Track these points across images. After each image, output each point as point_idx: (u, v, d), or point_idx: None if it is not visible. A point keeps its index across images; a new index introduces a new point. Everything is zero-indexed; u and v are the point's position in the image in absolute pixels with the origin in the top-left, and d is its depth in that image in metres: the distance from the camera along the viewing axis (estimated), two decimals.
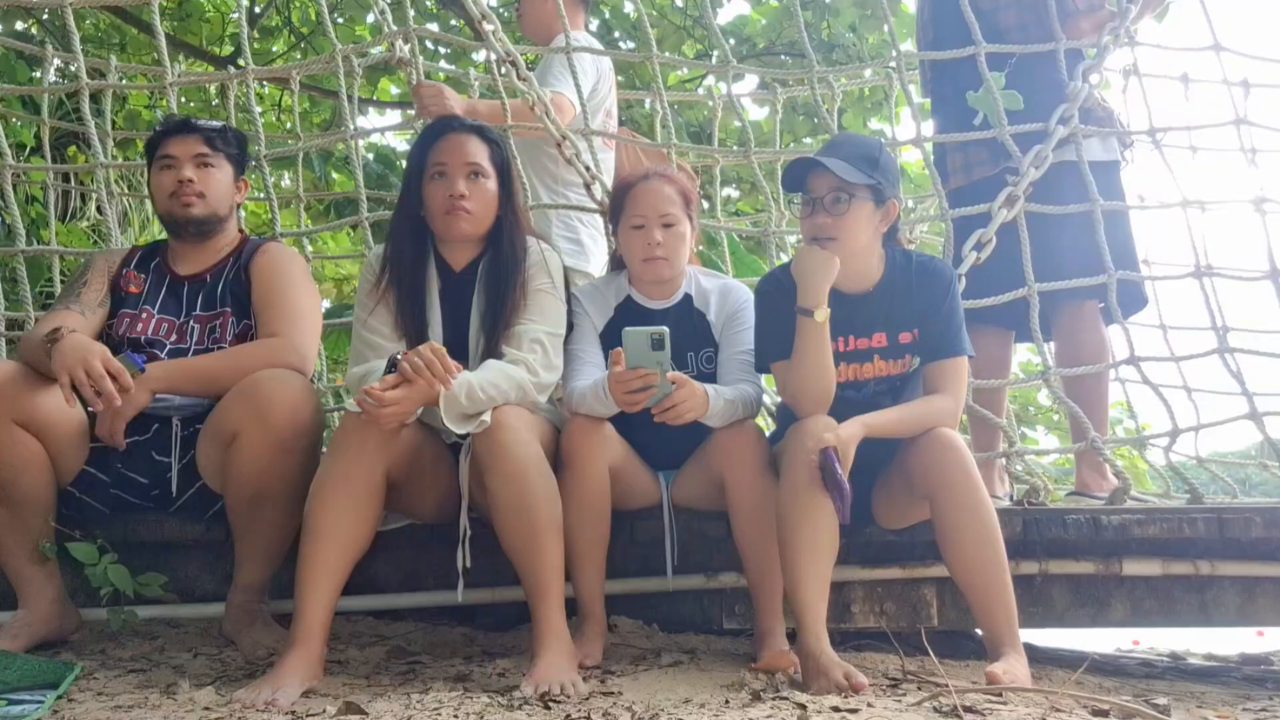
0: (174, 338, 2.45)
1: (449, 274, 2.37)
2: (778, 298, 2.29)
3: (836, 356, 2.23)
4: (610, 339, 2.40)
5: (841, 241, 2.19)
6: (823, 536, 2.04)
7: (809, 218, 2.22)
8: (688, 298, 2.47)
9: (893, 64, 3.33)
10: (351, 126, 3.10)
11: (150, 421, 2.35)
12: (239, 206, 2.70)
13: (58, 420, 2.24)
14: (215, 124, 2.63)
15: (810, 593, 2.04)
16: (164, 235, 2.67)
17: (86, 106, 3.20)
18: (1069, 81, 3.02)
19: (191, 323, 2.48)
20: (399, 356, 2.05)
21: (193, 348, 2.45)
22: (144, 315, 2.47)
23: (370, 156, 6.33)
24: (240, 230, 2.70)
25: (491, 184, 2.35)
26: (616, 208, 2.48)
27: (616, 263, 2.55)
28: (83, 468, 2.34)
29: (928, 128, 3.26)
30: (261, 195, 3.38)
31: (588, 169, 3.15)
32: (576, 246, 3.50)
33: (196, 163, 2.53)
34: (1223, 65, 3.26)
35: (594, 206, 3.24)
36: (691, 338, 2.43)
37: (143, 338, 2.42)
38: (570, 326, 2.41)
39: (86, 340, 2.19)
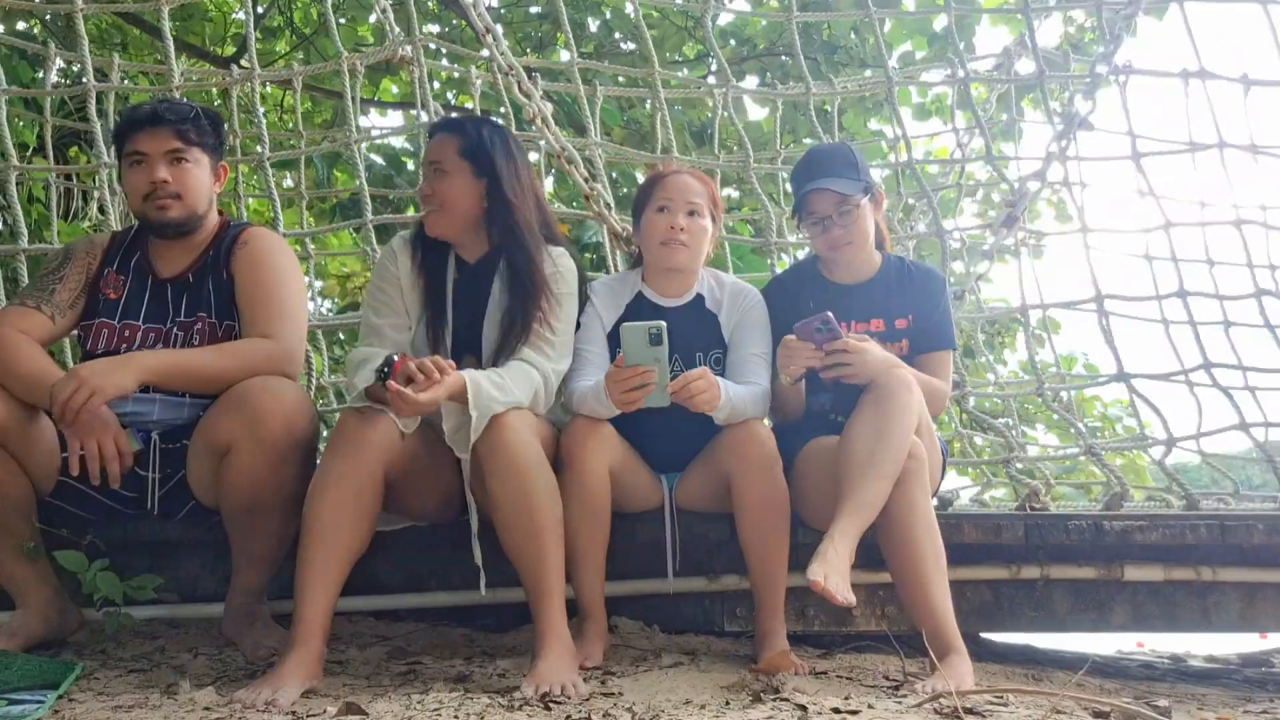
0: (158, 347, 2.33)
1: (464, 266, 2.38)
2: (773, 306, 2.48)
3: None
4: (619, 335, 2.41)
5: (855, 243, 2.47)
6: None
7: (823, 235, 2.45)
8: (700, 297, 2.48)
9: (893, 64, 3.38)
10: (354, 131, 3.11)
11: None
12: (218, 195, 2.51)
13: (21, 426, 2.16)
14: (186, 110, 2.40)
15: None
16: None
17: (92, 108, 3.20)
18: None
19: (175, 329, 2.37)
20: (396, 358, 2.01)
21: None
22: (126, 331, 2.36)
23: (381, 160, 6.30)
24: (219, 212, 2.52)
25: (459, 177, 2.31)
26: (643, 198, 2.47)
27: (634, 262, 2.54)
28: (63, 479, 2.24)
29: (922, 128, 3.39)
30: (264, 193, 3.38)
31: (586, 180, 3.16)
32: None
33: (169, 159, 2.34)
34: None
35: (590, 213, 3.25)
36: (702, 337, 2.43)
37: (122, 350, 2.30)
38: (577, 325, 2.40)
39: (104, 411, 2.12)
